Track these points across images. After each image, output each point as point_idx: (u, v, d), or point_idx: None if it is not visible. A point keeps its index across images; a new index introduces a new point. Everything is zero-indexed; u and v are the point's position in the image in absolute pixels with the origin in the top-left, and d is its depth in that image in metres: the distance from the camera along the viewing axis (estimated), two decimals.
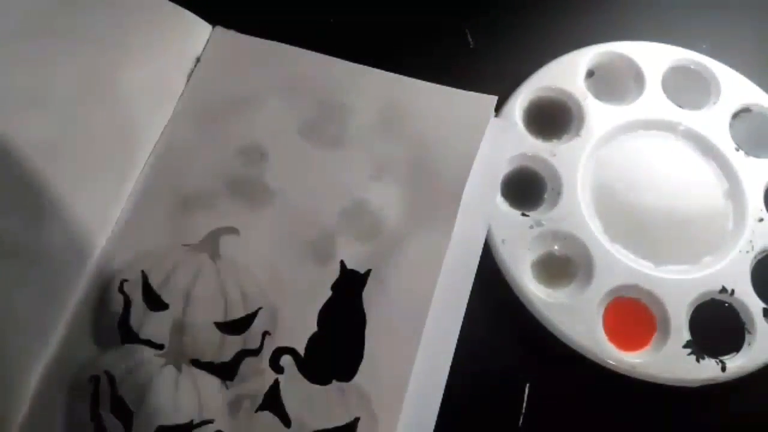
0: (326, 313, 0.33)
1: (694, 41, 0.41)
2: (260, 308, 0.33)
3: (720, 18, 0.43)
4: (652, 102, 0.39)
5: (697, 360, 0.34)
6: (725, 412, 0.35)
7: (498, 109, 0.38)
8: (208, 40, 0.39)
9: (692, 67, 0.41)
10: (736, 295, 0.35)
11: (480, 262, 0.35)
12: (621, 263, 0.36)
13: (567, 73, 0.40)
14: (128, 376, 0.32)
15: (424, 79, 0.38)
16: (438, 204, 0.35)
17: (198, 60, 0.38)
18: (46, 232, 0.33)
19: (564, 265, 0.36)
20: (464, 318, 0.33)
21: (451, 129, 0.36)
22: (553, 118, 0.39)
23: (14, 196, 0.34)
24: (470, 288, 0.34)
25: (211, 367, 0.32)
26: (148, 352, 0.32)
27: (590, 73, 0.40)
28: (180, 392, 0.32)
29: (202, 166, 0.36)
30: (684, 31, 0.42)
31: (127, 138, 0.36)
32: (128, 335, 0.33)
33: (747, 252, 0.36)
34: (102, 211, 0.35)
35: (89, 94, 0.36)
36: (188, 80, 0.38)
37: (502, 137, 0.37)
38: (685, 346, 0.34)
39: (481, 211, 0.35)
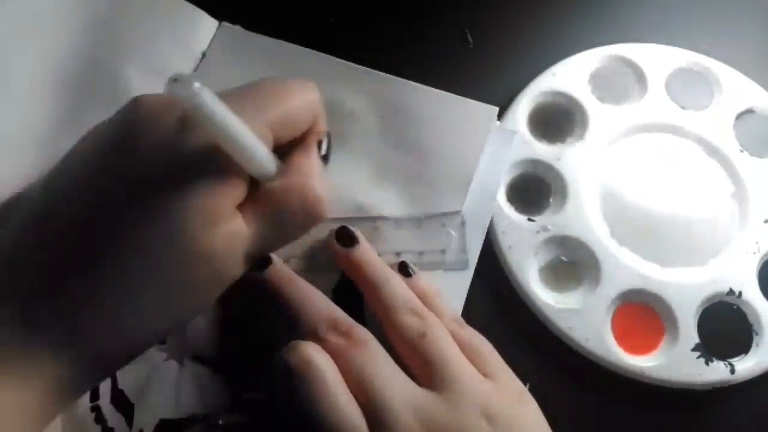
0: (338, 292, 0.33)
1: (696, 43, 0.41)
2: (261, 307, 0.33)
3: (722, 19, 0.43)
4: (656, 104, 0.39)
5: (706, 363, 0.34)
6: (735, 415, 0.35)
7: (502, 113, 0.38)
8: (213, 36, 0.39)
9: (695, 68, 0.41)
10: (743, 297, 0.35)
11: (487, 269, 0.35)
12: (628, 267, 0.36)
13: (570, 76, 0.39)
14: (129, 369, 0.32)
15: (427, 83, 0.37)
16: (438, 215, 0.35)
17: (204, 55, 0.38)
18: None
19: (571, 270, 0.36)
20: (472, 323, 0.33)
21: (452, 137, 0.36)
22: (557, 122, 0.39)
23: (11, 186, 0.33)
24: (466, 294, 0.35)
25: (213, 363, 0.32)
26: None
27: (593, 76, 0.40)
28: (181, 386, 0.32)
29: None
30: (686, 32, 0.42)
31: None
32: None
33: (753, 253, 0.36)
34: None
35: (94, 86, 0.36)
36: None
37: (503, 146, 0.37)
38: (693, 349, 0.34)
39: (479, 220, 0.35)
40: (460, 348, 0.29)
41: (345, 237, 0.33)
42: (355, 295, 0.33)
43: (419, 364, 0.28)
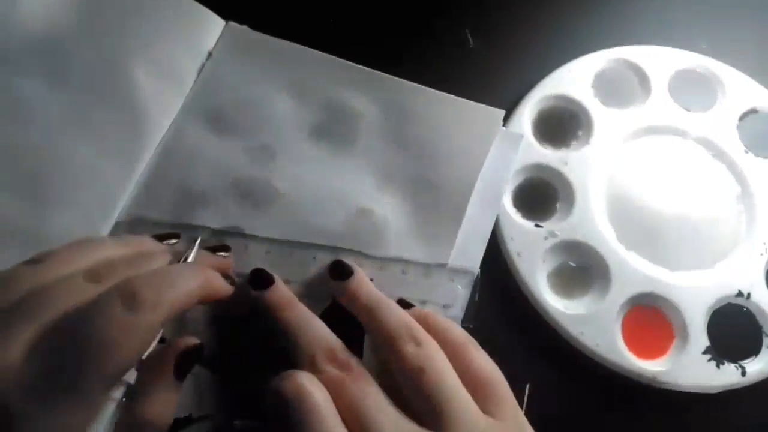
0: (327, 317, 0.33)
1: (698, 44, 0.41)
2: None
3: (723, 21, 0.43)
4: (659, 106, 0.39)
5: (717, 366, 0.34)
6: (747, 417, 0.35)
7: (506, 117, 0.38)
8: (220, 35, 0.38)
9: (698, 70, 0.41)
10: (752, 298, 0.35)
11: (496, 275, 0.35)
12: (636, 271, 0.35)
13: (573, 80, 0.39)
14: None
15: (431, 87, 0.37)
16: (440, 219, 0.35)
17: (210, 54, 0.38)
18: (47, 217, 0.33)
19: (580, 276, 0.36)
20: (483, 331, 0.33)
21: (458, 141, 0.36)
22: (561, 126, 0.39)
23: (19, 179, 0.33)
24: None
25: (212, 363, 0.32)
26: None
27: (596, 80, 0.40)
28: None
29: (208, 161, 0.35)
30: (688, 34, 0.42)
31: (135, 128, 0.35)
32: None
33: (761, 254, 0.36)
34: (106, 200, 0.34)
35: (101, 84, 0.36)
36: (198, 74, 0.37)
37: (510, 150, 0.37)
38: (704, 353, 0.34)
39: (481, 226, 0.35)
40: (466, 376, 0.28)
41: (339, 270, 0.32)
42: (348, 319, 0.32)
43: (415, 397, 0.28)
